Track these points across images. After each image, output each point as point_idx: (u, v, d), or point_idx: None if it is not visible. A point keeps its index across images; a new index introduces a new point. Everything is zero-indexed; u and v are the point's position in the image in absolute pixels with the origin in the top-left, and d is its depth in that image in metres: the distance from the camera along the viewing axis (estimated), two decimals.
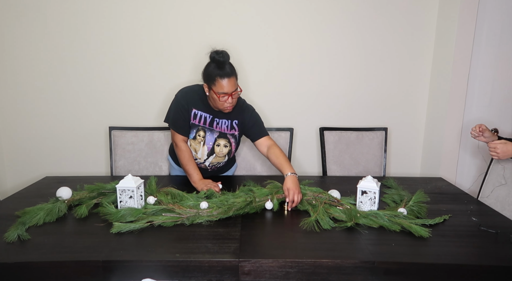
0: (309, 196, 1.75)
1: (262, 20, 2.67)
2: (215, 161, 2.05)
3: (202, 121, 1.95)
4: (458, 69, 2.50)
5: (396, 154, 2.89)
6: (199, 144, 1.98)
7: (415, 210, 1.66)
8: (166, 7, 2.64)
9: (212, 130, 1.96)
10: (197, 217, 1.58)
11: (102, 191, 1.82)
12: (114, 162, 2.46)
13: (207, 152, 1.99)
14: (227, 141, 2.00)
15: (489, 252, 1.37)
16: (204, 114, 1.95)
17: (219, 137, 1.98)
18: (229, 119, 1.98)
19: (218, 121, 1.96)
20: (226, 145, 2.00)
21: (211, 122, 1.96)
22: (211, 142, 1.98)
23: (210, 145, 1.98)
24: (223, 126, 1.98)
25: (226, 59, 1.82)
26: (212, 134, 1.97)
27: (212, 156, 2.01)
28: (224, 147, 2.00)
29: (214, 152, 2.00)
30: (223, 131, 1.98)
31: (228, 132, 1.99)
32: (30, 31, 2.63)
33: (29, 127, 2.78)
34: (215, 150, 1.99)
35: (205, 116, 1.95)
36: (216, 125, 1.96)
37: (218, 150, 1.99)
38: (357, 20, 2.68)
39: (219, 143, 1.98)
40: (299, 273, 1.31)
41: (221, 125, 1.97)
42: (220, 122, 1.97)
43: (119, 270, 1.30)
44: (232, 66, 1.87)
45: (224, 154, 2.02)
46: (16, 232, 1.44)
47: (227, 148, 2.01)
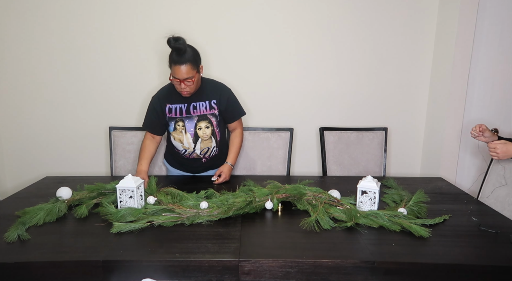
0: (309, 196, 1.75)
1: (262, 21, 2.68)
2: (204, 146, 2.08)
3: (178, 112, 2.03)
4: (458, 69, 2.50)
5: (396, 154, 2.89)
6: (181, 134, 2.05)
7: (415, 210, 1.66)
8: (165, 8, 2.64)
9: (190, 117, 2.04)
10: (197, 217, 1.58)
11: (102, 191, 1.83)
12: (114, 162, 2.46)
13: (192, 138, 2.06)
14: (207, 122, 2.05)
15: (489, 252, 1.37)
16: (179, 105, 2.03)
17: (199, 120, 2.04)
18: (207, 100, 2.05)
19: (196, 105, 2.03)
20: (208, 126, 2.05)
21: (188, 110, 2.03)
22: (192, 128, 2.04)
23: (192, 131, 2.05)
24: (201, 108, 2.04)
25: (180, 46, 1.83)
26: (191, 121, 2.04)
27: (198, 141, 2.06)
28: (206, 128, 2.05)
29: (198, 137, 2.05)
30: (203, 113, 2.04)
31: (208, 112, 2.05)
32: (30, 31, 2.64)
33: (29, 127, 2.78)
34: (199, 134, 2.05)
35: (180, 106, 2.03)
36: (193, 110, 2.03)
37: (201, 133, 2.05)
38: (357, 20, 2.68)
39: (200, 126, 2.04)
40: (299, 273, 1.31)
41: (199, 108, 2.04)
42: (198, 105, 2.04)
43: (119, 270, 1.30)
44: (191, 53, 1.89)
45: (208, 135, 2.06)
46: (16, 232, 1.44)
47: (209, 128, 2.06)
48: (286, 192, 1.76)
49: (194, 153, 2.10)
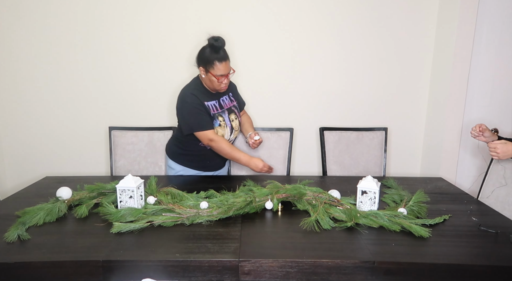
0: (309, 196, 1.75)
1: (262, 21, 2.68)
2: (234, 136, 2.19)
3: (215, 108, 2.10)
4: (458, 69, 2.50)
5: (396, 154, 2.89)
6: (224, 128, 2.11)
7: (415, 210, 1.66)
8: (165, 8, 2.64)
9: (223, 111, 2.13)
10: (197, 217, 1.58)
11: (102, 191, 1.82)
12: (114, 162, 2.46)
13: (230, 131, 2.14)
14: (234, 114, 2.18)
15: (489, 252, 1.37)
16: (211, 102, 2.09)
17: (229, 113, 2.15)
18: (225, 94, 2.17)
19: (221, 100, 2.14)
20: (236, 117, 2.19)
21: (220, 105, 2.12)
22: (228, 121, 2.14)
23: (229, 124, 2.14)
24: (226, 102, 2.16)
25: (222, 45, 1.99)
26: (225, 115, 2.13)
27: (233, 133, 2.16)
28: (236, 120, 2.18)
29: (233, 129, 2.15)
30: (229, 106, 2.17)
31: (232, 104, 2.19)
32: (30, 31, 2.64)
33: (29, 127, 2.78)
34: (233, 126, 2.16)
35: (213, 103, 2.09)
36: (224, 104, 2.14)
37: (234, 125, 2.16)
38: (358, 20, 2.68)
39: (232, 119, 2.16)
40: (299, 273, 1.31)
41: (225, 102, 2.15)
42: (223, 101, 2.15)
43: (119, 270, 1.30)
44: (225, 50, 2.04)
45: (238, 126, 2.20)
46: (16, 232, 1.44)
47: (237, 119, 2.20)
48: (286, 192, 1.76)
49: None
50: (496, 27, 2.46)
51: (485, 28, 2.47)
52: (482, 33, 2.48)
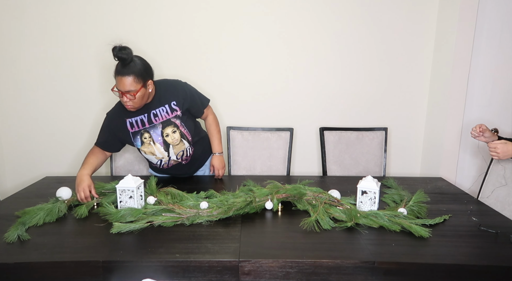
0: (309, 196, 1.75)
1: (262, 21, 2.67)
2: (178, 150, 1.99)
3: (140, 124, 1.92)
4: (458, 69, 2.50)
5: (396, 154, 2.89)
6: (150, 146, 1.94)
7: (415, 210, 1.66)
8: (164, 8, 2.64)
9: (154, 126, 1.92)
10: (197, 217, 1.58)
11: (102, 191, 1.82)
12: (114, 162, 2.46)
13: (163, 147, 1.96)
14: (173, 126, 1.94)
15: (489, 252, 1.37)
16: (139, 117, 1.91)
17: (164, 127, 1.93)
18: (166, 103, 1.93)
19: (156, 112, 1.91)
20: (174, 130, 1.94)
21: (149, 120, 1.91)
22: (159, 136, 1.94)
23: (160, 140, 1.94)
24: (162, 114, 1.92)
25: (124, 56, 1.74)
26: (156, 129, 1.92)
27: (170, 148, 1.96)
28: (173, 133, 1.94)
29: (168, 144, 1.95)
30: (165, 119, 1.93)
31: (171, 116, 1.93)
32: (30, 31, 2.63)
33: (29, 127, 2.78)
34: (168, 141, 1.95)
35: (140, 118, 1.91)
36: (155, 118, 1.91)
37: (170, 140, 1.94)
38: (358, 20, 2.68)
39: (167, 133, 1.93)
40: (299, 273, 1.31)
41: (160, 114, 1.92)
42: (158, 112, 1.91)
43: (119, 270, 1.30)
44: (138, 66, 1.79)
45: (178, 139, 1.96)
46: (16, 232, 1.44)
47: (176, 132, 1.95)
48: (286, 192, 1.76)
49: (171, 160, 2.02)
50: (496, 27, 2.46)
51: (485, 28, 2.47)
52: (482, 33, 2.48)
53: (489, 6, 2.44)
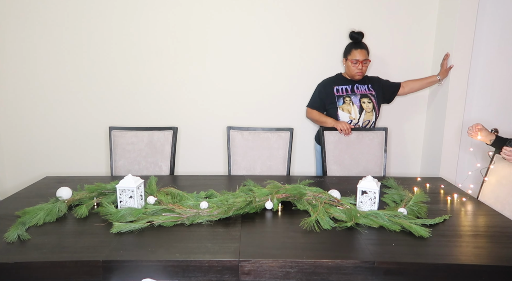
0: (309, 196, 1.75)
1: (262, 21, 2.68)
2: (367, 118, 2.51)
3: (344, 91, 2.52)
4: (458, 69, 2.50)
5: (396, 154, 2.89)
6: (349, 105, 2.49)
7: (415, 210, 1.66)
8: (165, 9, 2.64)
9: (355, 95, 2.51)
10: (197, 217, 1.58)
11: (102, 191, 1.82)
12: (114, 162, 2.46)
13: (358, 109, 2.49)
14: (369, 99, 2.51)
15: (489, 252, 1.37)
16: (345, 86, 2.52)
17: (362, 97, 2.50)
18: (367, 84, 2.54)
19: (358, 86, 2.53)
20: (370, 101, 2.51)
21: (352, 89, 2.52)
22: (358, 101, 2.50)
23: (358, 104, 2.50)
24: (363, 89, 2.53)
25: (360, 37, 2.44)
26: (356, 97, 2.50)
27: (363, 113, 2.49)
28: (368, 103, 2.51)
29: (363, 109, 2.49)
30: (364, 92, 2.52)
31: (368, 92, 2.53)
32: (30, 31, 2.64)
33: (29, 127, 2.78)
34: (363, 107, 2.50)
35: (346, 87, 2.52)
36: (357, 90, 2.52)
37: (365, 106, 2.50)
38: (357, 19, 2.68)
39: (364, 101, 2.50)
40: (299, 273, 1.31)
41: (361, 88, 2.53)
42: (360, 87, 2.53)
43: (119, 270, 1.30)
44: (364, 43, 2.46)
45: (371, 108, 2.50)
46: (16, 232, 1.44)
47: (370, 103, 2.51)
48: (286, 192, 1.76)
49: (357, 124, 2.51)
50: (496, 27, 2.46)
51: (485, 28, 2.47)
52: (482, 33, 2.48)
53: (489, 6, 2.44)
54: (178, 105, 2.82)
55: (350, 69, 2.46)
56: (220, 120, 2.86)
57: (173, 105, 2.82)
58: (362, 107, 2.51)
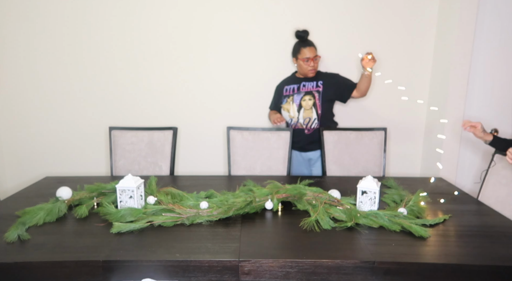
0: (309, 196, 1.75)
1: (262, 21, 2.68)
2: (306, 115, 2.47)
3: (291, 91, 2.51)
4: (458, 69, 2.50)
5: (396, 154, 2.89)
6: (289, 104, 2.48)
7: (415, 210, 1.65)
8: (165, 9, 2.64)
9: (299, 93, 2.48)
10: (197, 217, 1.58)
11: (102, 191, 1.82)
12: (114, 162, 2.46)
13: (297, 108, 2.47)
14: (311, 96, 2.47)
15: (489, 252, 1.37)
16: (294, 85, 2.51)
17: (305, 95, 2.47)
18: (316, 80, 2.49)
19: (305, 83, 2.49)
20: (310, 99, 2.47)
21: (298, 88, 2.49)
22: (299, 100, 2.48)
23: (298, 102, 2.48)
24: (309, 86, 2.49)
25: (306, 35, 2.42)
26: (299, 95, 2.48)
27: (301, 111, 2.47)
28: (309, 100, 2.47)
29: (301, 107, 2.47)
30: (309, 90, 2.47)
31: (314, 89, 2.48)
32: (30, 32, 2.64)
33: (29, 127, 2.78)
34: (302, 104, 2.47)
35: (293, 87, 2.51)
36: (303, 87, 2.49)
37: (304, 104, 2.47)
38: (357, 20, 2.68)
39: (305, 99, 2.47)
40: (299, 273, 1.31)
41: (307, 86, 2.49)
42: (307, 84, 2.49)
43: (119, 270, 1.30)
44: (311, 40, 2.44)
45: (310, 105, 2.46)
46: (16, 232, 1.44)
47: (311, 101, 2.47)
48: (286, 192, 1.76)
49: (298, 122, 2.48)
50: (496, 27, 2.46)
51: (485, 28, 2.47)
52: (482, 33, 2.48)
53: (489, 6, 2.44)
54: (178, 105, 2.82)
55: (302, 68, 2.44)
56: (220, 120, 2.85)
57: (173, 105, 2.82)
58: (301, 105, 2.48)
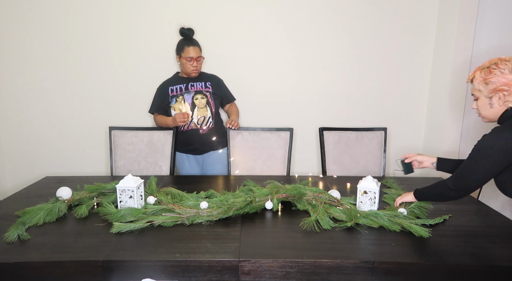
0: (309, 196, 1.75)
1: (262, 21, 2.68)
2: (201, 114, 2.41)
3: (178, 90, 2.43)
4: (458, 69, 2.50)
5: (396, 154, 2.89)
6: (180, 103, 2.41)
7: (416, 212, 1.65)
8: (165, 9, 2.64)
9: (188, 92, 2.43)
10: (197, 217, 1.58)
11: (102, 191, 1.82)
12: (114, 162, 2.46)
13: (190, 107, 2.41)
14: (202, 95, 2.43)
15: (489, 252, 1.37)
16: (179, 85, 2.43)
17: (196, 93, 2.43)
18: (204, 81, 2.46)
19: (193, 84, 2.44)
20: (203, 97, 2.43)
21: (186, 87, 2.43)
22: (190, 99, 2.42)
23: (190, 101, 2.41)
24: (198, 86, 2.45)
25: (191, 33, 2.38)
26: (190, 94, 2.42)
27: (195, 110, 2.40)
28: (202, 99, 2.42)
29: (195, 105, 2.41)
30: (199, 89, 2.44)
31: (204, 89, 2.45)
32: (30, 31, 2.64)
33: (29, 127, 2.78)
34: (196, 103, 2.41)
35: (180, 86, 2.43)
36: (191, 87, 2.43)
37: (197, 102, 2.41)
38: (357, 20, 2.68)
39: (197, 97, 2.42)
40: (299, 273, 1.31)
41: (197, 86, 2.45)
42: (196, 84, 2.45)
43: (119, 270, 1.30)
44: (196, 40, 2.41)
45: (204, 104, 2.42)
46: (16, 232, 1.44)
47: (204, 99, 2.42)
48: (286, 192, 1.76)
49: (192, 122, 2.40)
50: (496, 27, 2.46)
51: (485, 28, 2.47)
52: (482, 33, 2.48)
53: (489, 5, 2.44)
54: None
55: (185, 67, 2.38)
56: None
57: None
58: (194, 103, 2.42)
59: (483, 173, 1.39)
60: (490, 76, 1.38)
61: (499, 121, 1.46)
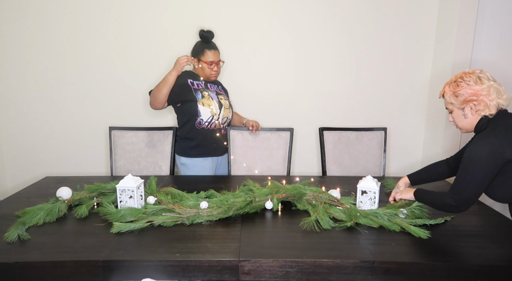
0: (309, 196, 1.75)
1: (262, 22, 2.68)
2: (225, 114, 2.35)
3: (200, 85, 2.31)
4: (458, 69, 2.50)
5: (396, 154, 2.89)
6: (209, 100, 2.28)
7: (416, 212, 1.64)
8: (165, 9, 2.64)
9: (210, 90, 2.33)
10: (197, 217, 1.58)
11: (102, 191, 1.82)
12: (114, 162, 2.46)
13: (218, 105, 2.30)
14: (222, 96, 2.38)
15: (489, 252, 1.37)
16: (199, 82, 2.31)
17: (217, 94, 2.35)
18: (218, 85, 2.42)
19: (210, 85, 2.36)
20: (226, 98, 2.39)
21: (205, 85, 2.33)
22: (216, 97, 2.32)
23: (217, 99, 2.31)
24: (215, 87, 2.38)
25: (211, 36, 2.26)
26: (212, 93, 2.32)
27: (222, 109, 2.32)
28: (225, 100, 2.37)
29: (222, 104, 2.32)
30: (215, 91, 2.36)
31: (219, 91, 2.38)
32: (30, 31, 2.64)
33: (29, 127, 2.78)
34: (222, 103, 2.33)
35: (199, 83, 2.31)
36: (210, 86, 2.36)
37: (223, 102, 2.34)
38: (357, 20, 2.69)
39: (221, 97, 2.35)
40: (299, 273, 1.31)
41: (213, 86, 2.38)
42: (212, 85, 2.38)
43: (119, 270, 1.30)
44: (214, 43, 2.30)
45: (228, 105, 2.38)
46: (16, 232, 1.44)
47: (227, 100, 2.39)
48: (286, 192, 1.76)
49: (217, 121, 2.31)
50: (496, 27, 2.46)
51: (485, 27, 2.47)
52: (482, 33, 2.48)
53: (489, 5, 2.44)
54: None
55: (205, 71, 2.27)
56: None
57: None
58: (220, 102, 2.33)
59: (480, 183, 1.42)
60: (458, 89, 1.48)
61: (475, 130, 1.52)
